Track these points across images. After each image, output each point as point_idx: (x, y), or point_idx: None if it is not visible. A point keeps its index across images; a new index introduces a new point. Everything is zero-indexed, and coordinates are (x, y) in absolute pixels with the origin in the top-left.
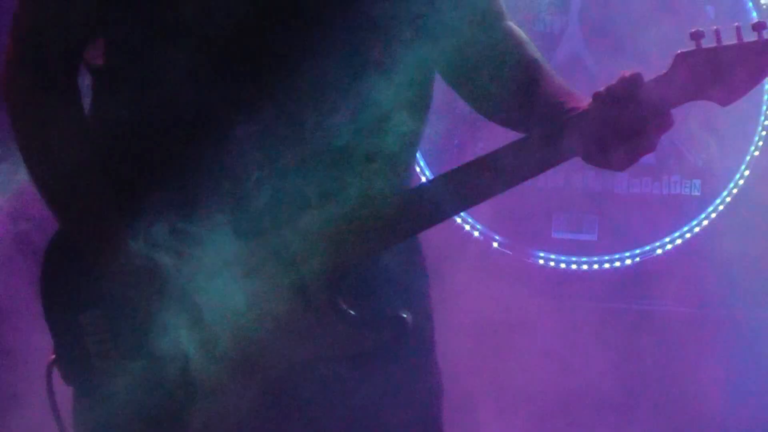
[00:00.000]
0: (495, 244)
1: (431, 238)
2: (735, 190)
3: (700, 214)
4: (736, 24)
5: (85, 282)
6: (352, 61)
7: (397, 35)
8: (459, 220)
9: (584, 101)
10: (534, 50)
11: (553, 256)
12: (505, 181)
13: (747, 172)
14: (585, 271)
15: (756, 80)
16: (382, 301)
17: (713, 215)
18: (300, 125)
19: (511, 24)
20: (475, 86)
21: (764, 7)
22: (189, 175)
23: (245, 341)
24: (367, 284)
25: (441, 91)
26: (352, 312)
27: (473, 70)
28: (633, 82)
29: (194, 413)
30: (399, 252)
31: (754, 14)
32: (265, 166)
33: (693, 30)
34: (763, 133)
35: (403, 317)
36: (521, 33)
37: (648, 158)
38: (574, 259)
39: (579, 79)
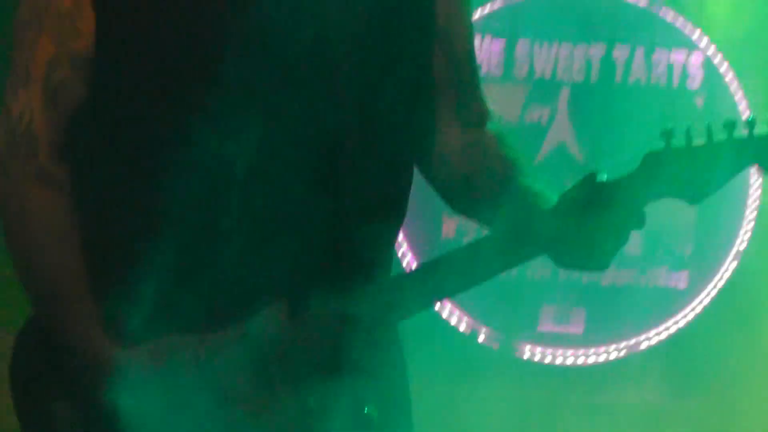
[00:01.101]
0: (481, 337)
1: (409, 328)
2: (721, 282)
3: (686, 306)
4: (707, 123)
5: (58, 374)
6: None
7: (379, 125)
8: (445, 313)
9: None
10: (514, 151)
11: (539, 350)
12: (463, 282)
13: (734, 263)
14: (570, 366)
15: (724, 180)
16: (354, 395)
17: (699, 307)
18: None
19: (494, 124)
20: (447, 180)
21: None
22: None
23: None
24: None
25: None
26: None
27: (447, 164)
28: (587, 185)
29: None
30: (376, 345)
31: (740, 107)
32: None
33: (663, 130)
34: (750, 224)
35: (371, 415)
36: (504, 133)
37: (634, 249)
38: (560, 352)
39: (566, 171)
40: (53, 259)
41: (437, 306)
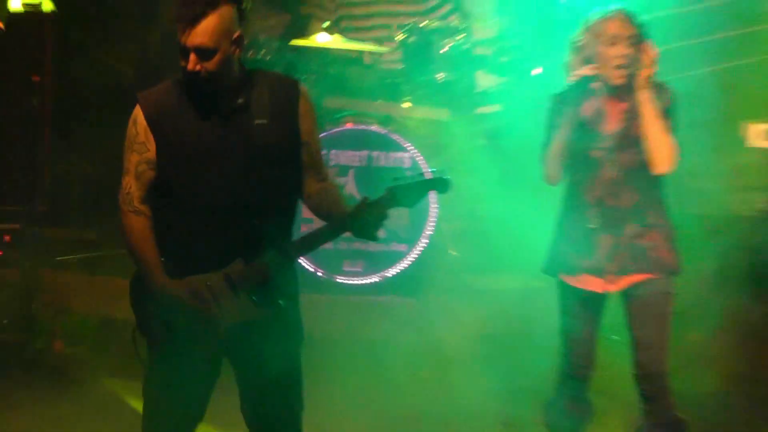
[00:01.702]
0: (319, 273)
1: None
2: (420, 249)
3: (405, 259)
4: (413, 174)
5: (145, 290)
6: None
7: (282, 182)
8: (305, 263)
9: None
10: (339, 192)
11: (343, 278)
12: (320, 241)
13: (425, 241)
14: (356, 284)
15: (421, 197)
16: (272, 293)
17: (409, 260)
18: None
19: (330, 180)
20: (311, 204)
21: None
22: (190, 242)
23: (216, 317)
24: (263, 285)
25: None
26: (255, 299)
27: (311, 198)
28: (363, 203)
29: (205, 348)
30: (285, 270)
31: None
32: (225, 233)
33: (393, 176)
34: (433, 220)
35: (280, 303)
36: (335, 184)
37: (383, 233)
38: (352, 279)
39: (353, 200)
40: (140, 247)
41: (302, 259)
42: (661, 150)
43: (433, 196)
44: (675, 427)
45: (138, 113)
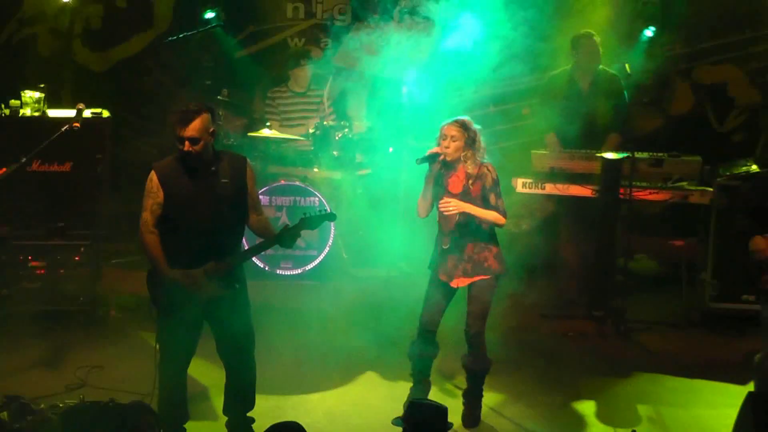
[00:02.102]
0: (266, 268)
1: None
2: (323, 256)
3: (314, 261)
4: (314, 209)
5: (158, 279)
6: (219, 226)
7: (234, 218)
8: (257, 261)
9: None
10: (269, 222)
11: (280, 270)
12: (260, 250)
13: (325, 251)
14: (286, 274)
15: (320, 224)
16: (231, 280)
17: (317, 262)
18: (205, 240)
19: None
20: (254, 230)
21: None
22: (182, 250)
23: (199, 294)
24: (227, 274)
25: None
26: (221, 284)
27: (252, 226)
28: (284, 229)
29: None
30: (238, 267)
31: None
32: (198, 246)
33: (303, 213)
34: (330, 238)
35: (236, 286)
36: (267, 218)
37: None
38: (284, 272)
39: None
40: (153, 253)
41: (257, 259)
42: (487, 220)
43: (334, 223)
44: (483, 360)
45: (153, 175)
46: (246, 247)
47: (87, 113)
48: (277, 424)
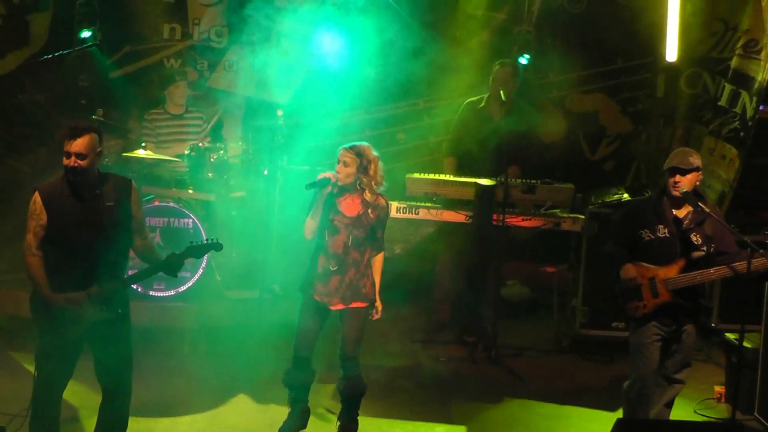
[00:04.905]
0: (140, 290)
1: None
2: (198, 277)
3: (190, 281)
4: (208, 239)
5: (42, 302)
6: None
7: (119, 239)
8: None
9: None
10: (154, 247)
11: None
12: (145, 276)
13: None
14: (160, 296)
15: (204, 254)
16: (114, 304)
17: (194, 280)
18: (87, 260)
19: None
20: (138, 254)
21: None
22: (66, 272)
23: (80, 317)
24: (110, 298)
25: None
26: (104, 307)
27: (137, 250)
28: (169, 257)
29: (78, 333)
30: (122, 291)
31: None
32: (82, 266)
33: (189, 242)
34: (202, 267)
35: (119, 311)
36: (152, 243)
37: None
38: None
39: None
40: (36, 275)
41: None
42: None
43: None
44: (358, 384)
45: (36, 196)
46: (132, 273)
47: None
48: None
